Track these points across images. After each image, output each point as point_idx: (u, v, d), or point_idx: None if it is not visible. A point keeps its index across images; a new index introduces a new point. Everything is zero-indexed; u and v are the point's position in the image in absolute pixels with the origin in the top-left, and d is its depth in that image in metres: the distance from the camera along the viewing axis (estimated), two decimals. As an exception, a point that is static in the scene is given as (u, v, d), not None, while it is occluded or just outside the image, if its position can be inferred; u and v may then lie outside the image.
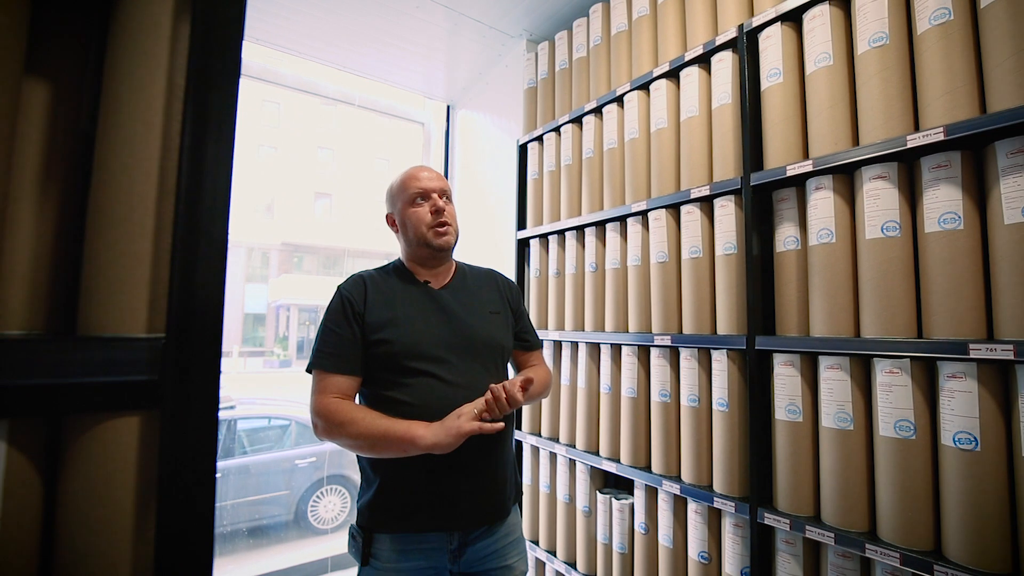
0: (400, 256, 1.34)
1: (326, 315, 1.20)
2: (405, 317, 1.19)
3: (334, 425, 1.08)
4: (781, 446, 1.31)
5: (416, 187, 1.25)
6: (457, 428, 1.06)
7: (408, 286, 1.25)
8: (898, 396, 1.11)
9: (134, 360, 0.50)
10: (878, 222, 1.17)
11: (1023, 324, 0.97)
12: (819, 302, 1.27)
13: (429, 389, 1.14)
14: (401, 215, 1.27)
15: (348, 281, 1.23)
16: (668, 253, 1.63)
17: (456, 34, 2.43)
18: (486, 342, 1.24)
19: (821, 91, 1.29)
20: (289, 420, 4.87)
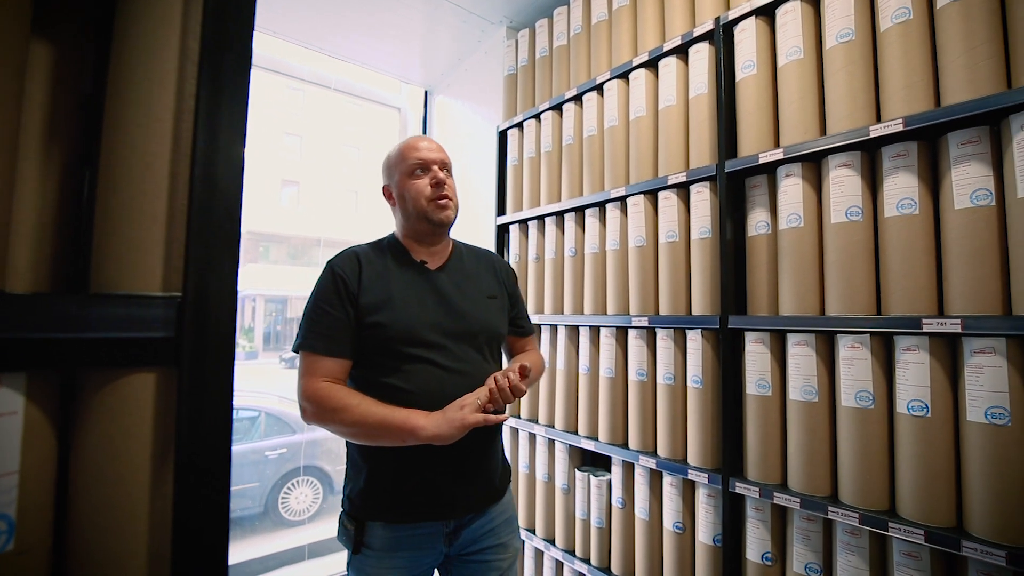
0: (395, 231, 1.28)
1: (316, 292, 1.12)
2: (401, 300, 1.13)
3: (326, 411, 1.03)
4: (751, 419, 1.39)
5: (415, 157, 1.18)
6: (461, 420, 1.01)
7: (404, 266, 1.19)
8: (859, 369, 1.20)
9: (150, 318, 0.51)
10: (842, 207, 1.25)
11: (970, 300, 1.06)
12: (788, 283, 1.34)
13: (426, 375, 1.10)
14: (399, 187, 1.21)
15: (340, 257, 1.16)
16: (646, 237, 1.68)
17: (434, 18, 2.42)
18: (483, 328, 1.20)
19: (792, 83, 1.36)
20: (258, 411, 4.79)
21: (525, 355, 1.37)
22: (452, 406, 1.04)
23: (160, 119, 0.52)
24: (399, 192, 1.22)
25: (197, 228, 0.52)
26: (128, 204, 0.52)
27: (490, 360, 1.21)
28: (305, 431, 4.70)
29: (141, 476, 0.51)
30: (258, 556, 3.11)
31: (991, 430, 1.01)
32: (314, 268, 6.59)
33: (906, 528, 1.08)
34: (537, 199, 2.15)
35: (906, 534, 1.08)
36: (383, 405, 1.04)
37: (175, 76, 0.53)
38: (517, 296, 1.38)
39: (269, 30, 2.53)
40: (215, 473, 0.51)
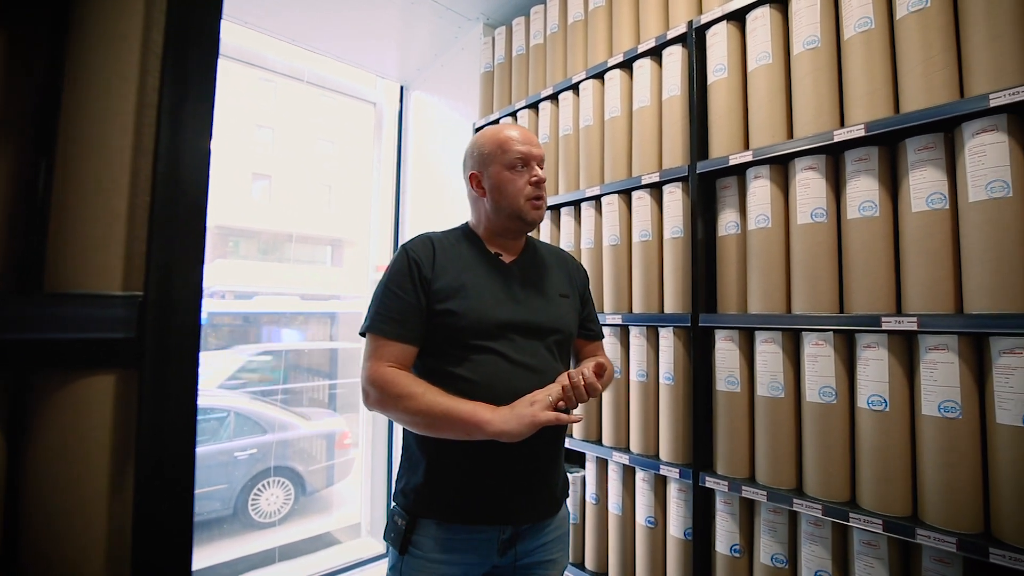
0: (471, 220, 1.22)
1: (388, 275, 1.08)
2: (474, 289, 1.08)
3: (390, 397, 0.99)
4: (721, 415, 1.43)
5: (518, 151, 1.11)
6: (531, 417, 0.95)
7: (478, 256, 1.14)
8: (822, 365, 1.24)
9: (109, 318, 0.49)
10: (808, 209, 1.29)
11: (926, 299, 1.11)
12: (756, 282, 1.38)
13: (493, 367, 1.05)
14: (495, 179, 1.12)
15: (415, 241, 1.12)
16: (620, 236, 1.71)
17: (411, 12, 2.40)
18: (553, 325, 1.14)
19: (761, 87, 1.39)
20: (227, 411, 4.68)
21: (594, 358, 1.27)
22: (521, 402, 0.99)
23: (121, 113, 0.51)
24: (494, 183, 1.13)
25: (160, 225, 0.51)
26: (87, 200, 0.50)
27: (558, 360, 1.15)
28: (276, 431, 4.61)
29: (99, 482, 0.49)
30: (226, 560, 3.04)
31: (943, 423, 1.06)
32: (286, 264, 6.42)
33: (865, 518, 1.13)
34: (513, 197, 2.15)
35: (865, 524, 1.13)
36: (449, 396, 0.99)
37: (137, 69, 0.52)
38: (588, 298, 1.32)
39: (240, 20, 2.46)
40: (178, 479, 0.50)
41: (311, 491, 4.50)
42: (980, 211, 1.04)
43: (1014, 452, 0.98)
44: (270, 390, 5.02)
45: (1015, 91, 0.98)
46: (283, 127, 14.78)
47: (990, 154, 1.03)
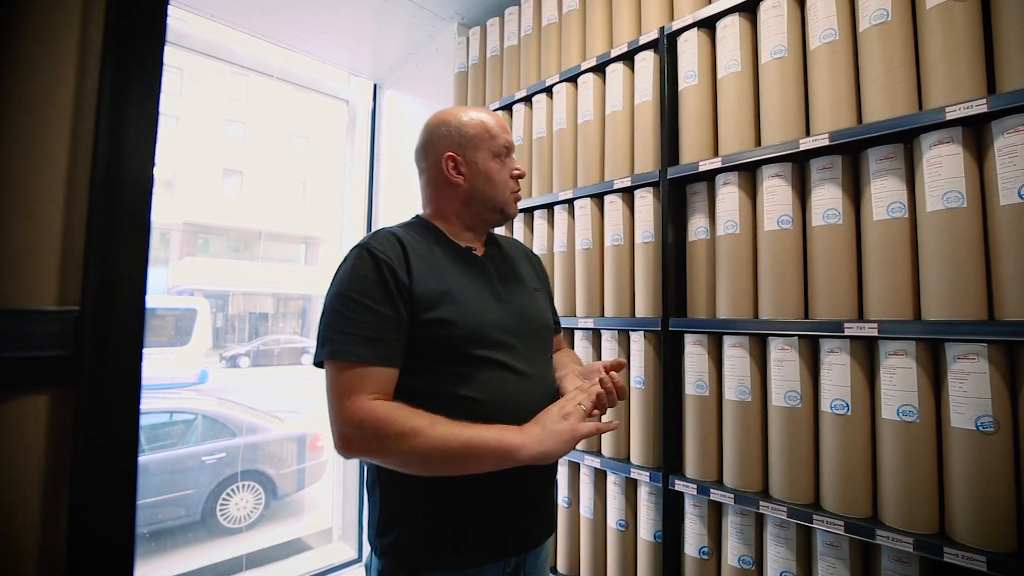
0: (427, 212, 1.08)
1: (351, 284, 0.88)
2: (460, 291, 0.94)
3: (386, 437, 0.80)
4: (690, 418, 1.44)
5: (505, 139, 1.03)
6: (571, 432, 0.85)
7: (451, 252, 1.00)
8: (788, 370, 1.26)
9: (41, 334, 0.47)
10: (775, 215, 1.31)
11: (886, 306, 1.14)
12: (724, 287, 1.40)
13: (498, 381, 0.91)
14: (481, 166, 1.01)
15: (378, 238, 0.93)
16: (592, 240, 1.71)
17: (385, 10, 2.36)
18: (542, 324, 1.05)
19: (730, 95, 1.41)
20: (194, 414, 4.55)
21: (564, 353, 1.22)
22: (550, 416, 0.87)
23: (55, 118, 0.48)
24: (481, 171, 1.01)
25: (98, 236, 0.48)
26: (17, 210, 0.47)
27: (551, 361, 1.08)
28: (245, 434, 4.50)
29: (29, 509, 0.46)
30: (192, 569, 2.95)
31: (902, 427, 1.09)
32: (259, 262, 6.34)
33: (828, 520, 1.15)
34: (487, 199, 2.14)
35: (828, 526, 1.15)
36: (462, 425, 0.83)
37: (74, 71, 0.49)
38: (549, 288, 1.23)
39: (206, 13, 2.38)
40: (117, 506, 0.47)
41: (282, 495, 4.41)
42: (937, 221, 1.07)
43: (967, 455, 1.01)
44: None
45: (969, 105, 1.01)
46: (255, 122, 14.33)
47: (946, 165, 1.07)
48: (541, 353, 1.03)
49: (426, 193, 1.07)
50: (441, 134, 1.02)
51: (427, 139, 1.04)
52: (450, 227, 1.05)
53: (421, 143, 1.05)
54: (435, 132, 1.03)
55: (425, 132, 1.05)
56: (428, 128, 1.05)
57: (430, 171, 1.04)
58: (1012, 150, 1.00)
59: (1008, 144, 1.00)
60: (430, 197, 1.06)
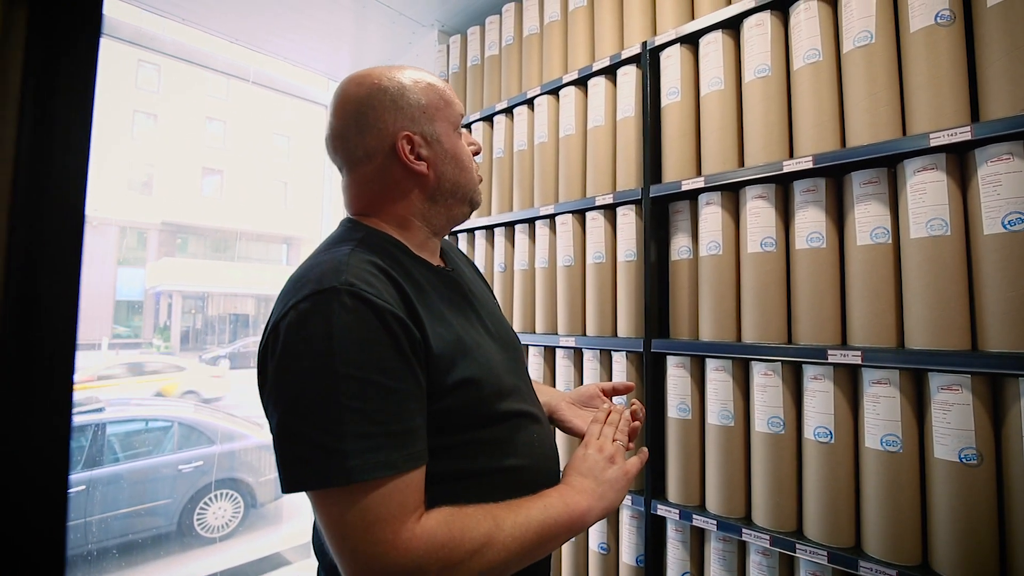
0: (370, 219, 0.78)
1: (348, 354, 0.59)
2: (466, 333, 0.74)
3: (460, 563, 0.60)
4: (673, 442, 1.41)
5: (461, 108, 0.82)
6: (625, 475, 0.77)
7: (431, 277, 0.77)
8: (771, 395, 1.24)
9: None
10: (758, 237, 1.29)
11: (869, 333, 1.12)
12: (707, 309, 1.37)
13: (530, 437, 0.77)
14: (448, 144, 0.78)
15: (360, 274, 0.64)
16: (574, 257, 1.67)
17: (365, 16, 2.30)
18: (519, 345, 0.91)
19: (713, 113, 1.39)
20: (171, 421, 4.43)
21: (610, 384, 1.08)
22: (594, 464, 0.77)
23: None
24: (445, 151, 0.78)
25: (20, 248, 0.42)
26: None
27: None
28: (223, 442, 4.40)
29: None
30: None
31: (885, 456, 1.07)
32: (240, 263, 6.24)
33: (811, 549, 1.13)
34: (468, 211, 2.09)
35: (811, 555, 1.13)
36: (521, 506, 0.67)
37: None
38: None
39: (178, 17, 2.30)
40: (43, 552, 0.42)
41: (261, 504, 4.32)
42: (920, 248, 1.06)
43: (950, 487, 0.99)
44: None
45: (952, 132, 1.00)
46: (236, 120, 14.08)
47: (930, 192, 1.05)
48: (529, 380, 0.89)
49: (368, 191, 0.78)
50: (384, 105, 0.74)
51: (360, 114, 0.74)
52: (412, 236, 0.79)
53: (350, 122, 0.75)
54: (372, 103, 0.74)
55: (353, 105, 0.74)
56: (358, 99, 0.74)
57: (376, 159, 0.75)
58: (995, 179, 0.98)
59: (991, 173, 0.99)
60: (376, 196, 0.77)
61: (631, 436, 0.85)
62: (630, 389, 1.01)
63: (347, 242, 0.73)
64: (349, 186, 0.80)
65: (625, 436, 0.84)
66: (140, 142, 17.65)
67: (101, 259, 16.83)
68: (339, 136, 0.76)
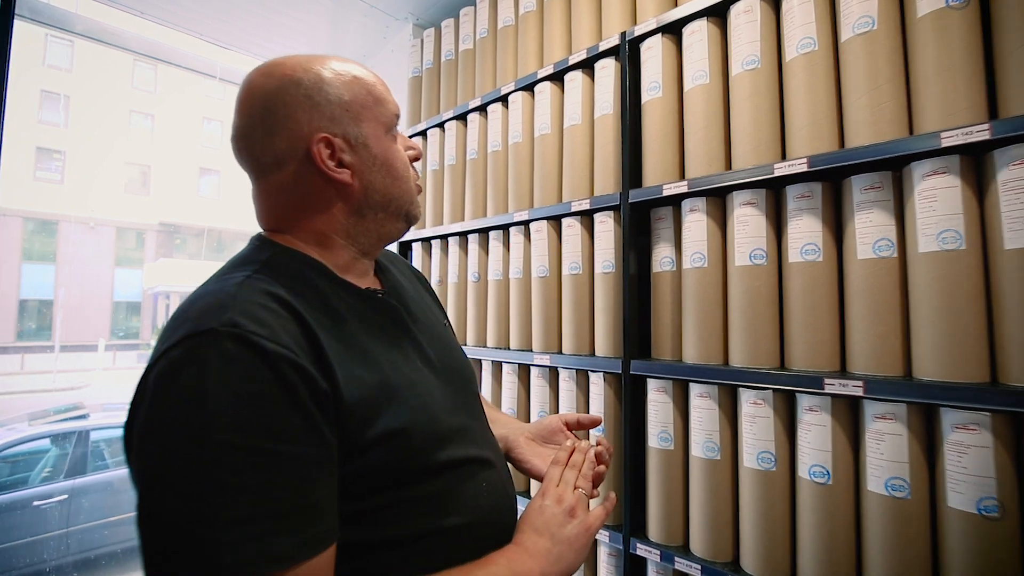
0: (284, 237, 0.66)
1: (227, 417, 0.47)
2: (395, 371, 0.62)
3: None
4: (653, 474, 1.28)
5: (395, 106, 0.69)
6: (587, 531, 0.66)
7: (353, 303, 0.64)
8: (761, 427, 1.10)
9: None
10: (747, 249, 1.15)
11: (871, 359, 0.99)
12: (692, 327, 1.24)
13: (476, 487, 0.65)
14: (378, 148, 0.66)
15: (248, 311, 0.52)
16: (549, 268, 1.54)
17: (338, 12, 2.17)
18: (471, 376, 0.79)
19: (698, 109, 1.25)
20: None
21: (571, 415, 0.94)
22: (551, 518, 0.65)
23: None
24: (373, 156, 0.65)
25: None
26: None
27: None
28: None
29: None
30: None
31: (890, 503, 0.93)
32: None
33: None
34: (440, 217, 1.96)
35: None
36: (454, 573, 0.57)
37: None
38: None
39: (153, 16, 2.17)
40: None
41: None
42: (930, 263, 0.92)
43: (967, 541, 0.86)
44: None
45: (968, 130, 0.86)
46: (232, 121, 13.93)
47: (941, 199, 0.91)
48: (483, 416, 0.76)
49: (280, 204, 0.65)
50: (298, 101, 0.61)
51: (268, 111, 0.62)
52: (334, 256, 0.66)
53: (256, 120, 0.62)
54: (282, 98, 0.61)
55: (260, 100, 0.62)
56: (265, 93, 0.62)
57: (288, 166, 0.62)
58: (1018, 184, 0.85)
59: (1013, 178, 0.85)
60: (290, 209, 0.65)
61: (595, 482, 0.74)
62: (596, 423, 0.88)
63: (247, 265, 0.60)
64: (257, 196, 0.67)
65: (589, 483, 0.72)
66: (137, 142, 17.59)
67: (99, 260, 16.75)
68: (243, 137, 0.63)
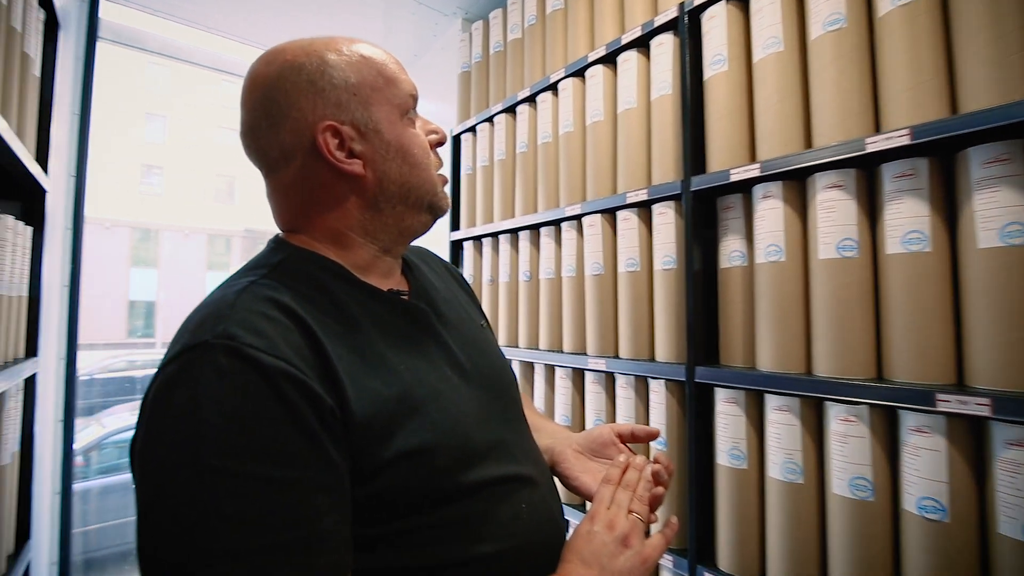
0: (298, 237, 0.61)
1: (221, 439, 0.42)
2: (419, 382, 0.56)
3: None
4: (723, 496, 1.14)
5: (410, 84, 0.63)
6: (642, 562, 0.56)
7: (373, 307, 0.59)
8: (854, 449, 0.94)
9: None
10: (833, 239, 0.99)
11: (1000, 371, 0.80)
12: (767, 330, 1.08)
13: (513, 508, 0.58)
14: (390, 135, 0.59)
15: (244, 321, 0.47)
16: (604, 265, 1.43)
17: (391, 14, 2.16)
18: (509, 380, 0.71)
19: (770, 82, 1.09)
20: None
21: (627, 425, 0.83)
22: (601, 547, 0.56)
23: None
24: (387, 143, 0.59)
25: None
26: None
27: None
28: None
29: None
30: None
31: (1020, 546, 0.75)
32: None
33: (915, 662, 0.83)
34: (491, 214, 1.89)
35: (915, 671, 0.83)
36: None
37: None
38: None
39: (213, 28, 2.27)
40: None
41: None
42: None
43: None
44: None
45: None
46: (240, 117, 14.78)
47: (1097, 170, 0.72)
48: (525, 426, 0.69)
49: (292, 201, 0.60)
50: (300, 88, 0.56)
51: (270, 101, 0.57)
52: (353, 256, 0.60)
53: (259, 113, 0.58)
54: (283, 86, 0.56)
55: (261, 91, 0.57)
56: (266, 82, 0.57)
57: (295, 159, 0.58)
58: None
59: None
60: (303, 207, 0.60)
61: (653, 505, 0.64)
62: (654, 436, 0.77)
63: (256, 270, 0.56)
64: (270, 195, 0.63)
65: (645, 507, 0.62)
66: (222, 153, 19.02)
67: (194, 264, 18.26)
68: (249, 131, 0.60)
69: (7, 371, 1.07)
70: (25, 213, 1.31)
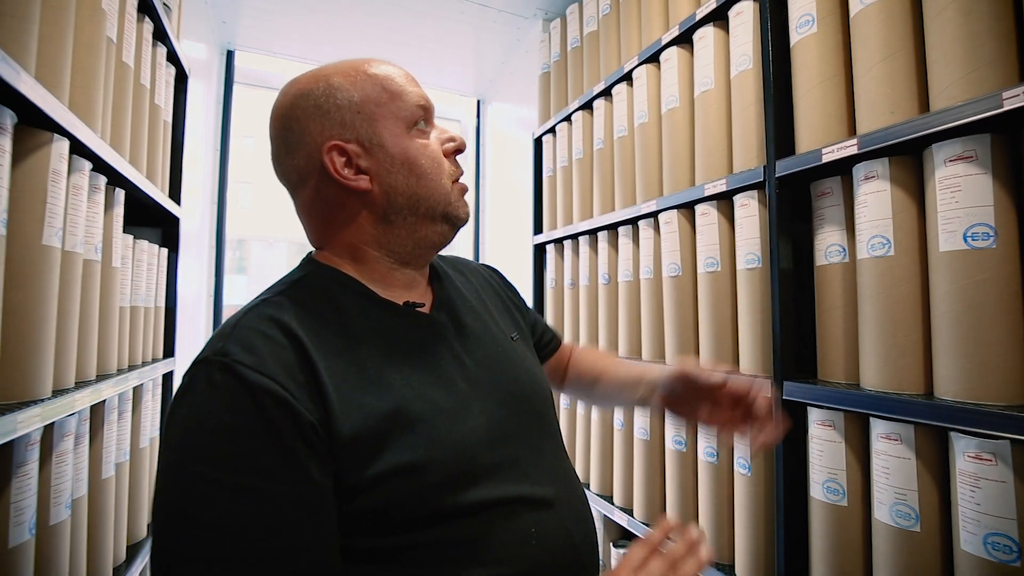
0: (321, 253, 0.64)
1: (203, 447, 0.46)
2: (417, 397, 0.55)
3: None
4: (819, 533, 0.96)
5: (418, 94, 0.63)
6: None
7: (384, 317, 0.60)
8: (991, 496, 0.72)
9: None
10: (959, 226, 0.78)
11: None
12: (873, 339, 0.89)
13: (519, 531, 0.55)
14: (394, 148, 0.60)
15: (241, 337, 0.50)
16: (681, 265, 1.30)
17: (479, 25, 2.22)
18: (541, 397, 0.68)
19: (872, 37, 0.90)
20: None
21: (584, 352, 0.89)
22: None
23: None
24: (391, 156, 0.60)
25: None
26: None
27: (564, 451, 0.69)
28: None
29: None
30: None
31: None
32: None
33: None
34: (571, 215, 1.83)
35: None
36: None
37: None
38: (527, 309, 0.86)
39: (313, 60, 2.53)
40: None
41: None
42: None
43: None
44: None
45: None
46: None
47: None
48: (554, 446, 0.66)
49: (314, 220, 0.64)
50: (309, 114, 0.59)
51: (286, 130, 0.61)
52: (370, 270, 0.62)
53: (280, 142, 0.62)
54: (295, 114, 0.60)
55: (279, 121, 0.62)
56: (282, 112, 0.61)
57: (311, 181, 0.61)
58: None
59: None
60: (323, 225, 0.63)
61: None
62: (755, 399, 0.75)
63: (278, 286, 0.61)
64: (299, 216, 0.67)
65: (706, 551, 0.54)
66: (265, 167, 21.02)
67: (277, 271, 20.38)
68: (274, 159, 0.64)
69: (143, 369, 1.27)
70: (163, 237, 1.55)
